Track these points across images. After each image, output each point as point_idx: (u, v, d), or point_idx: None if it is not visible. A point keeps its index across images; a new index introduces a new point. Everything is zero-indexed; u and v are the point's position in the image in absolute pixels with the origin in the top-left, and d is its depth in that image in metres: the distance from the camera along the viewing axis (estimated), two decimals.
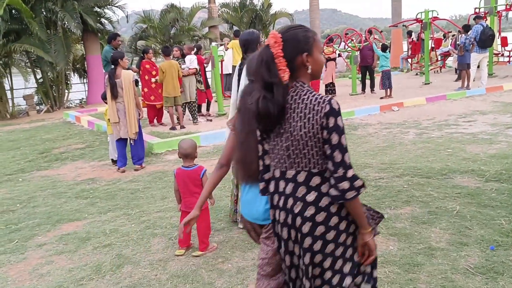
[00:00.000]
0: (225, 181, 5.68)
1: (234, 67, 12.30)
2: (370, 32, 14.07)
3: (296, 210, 1.90)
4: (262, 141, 2.05)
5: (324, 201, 1.87)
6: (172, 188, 5.58)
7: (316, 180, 1.89)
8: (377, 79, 12.87)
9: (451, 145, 6.78)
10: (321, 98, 1.84)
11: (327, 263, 1.92)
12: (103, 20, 17.24)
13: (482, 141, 6.88)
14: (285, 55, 1.86)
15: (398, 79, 15.63)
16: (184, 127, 9.46)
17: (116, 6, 17.02)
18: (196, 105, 10.19)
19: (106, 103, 7.10)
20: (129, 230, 4.43)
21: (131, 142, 6.75)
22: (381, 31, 17.29)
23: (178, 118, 9.58)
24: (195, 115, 10.05)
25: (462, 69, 12.46)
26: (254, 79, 1.99)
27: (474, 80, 12.79)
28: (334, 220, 1.88)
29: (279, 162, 1.96)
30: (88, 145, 8.94)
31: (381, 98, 12.04)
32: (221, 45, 13.73)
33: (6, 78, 15.29)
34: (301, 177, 1.90)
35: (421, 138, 7.45)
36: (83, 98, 18.25)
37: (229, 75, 12.27)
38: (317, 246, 1.89)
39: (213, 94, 11.74)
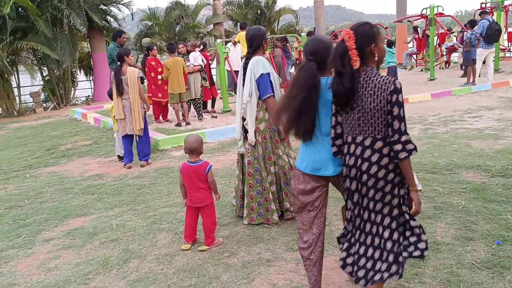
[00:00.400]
0: (231, 177, 5.72)
1: (242, 58, 12.28)
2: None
3: (364, 168, 2.42)
4: (336, 114, 2.56)
5: (385, 161, 2.38)
6: (177, 184, 5.61)
7: (379, 144, 2.39)
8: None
9: (457, 140, 6.76)
10: (387, 79, 2.34)
11: (384, 210, 2.44)
12: (108, 17, 17.29)
13: (488, 136, 6.86)
14: (357, 47, 2.35)
15: (402, 75, 15.57)
16: (189, 124, 9.49)
17: (122, 4, 17.07)
18: (201, 102, 10.21)
19: (113, 100, 7.14)
20: (136, 225, 4.47)
21: (137, 138, 6.78)
22: (386, 27, 17.22)
23: (183, 115, 9.61)
24: (200, 112, 10.07)
25: (468, 64, 12.39)
26: (332, 66, 2.46)
27: (479, 76, 12.73)
28: (391, 175, 2.38)
29: (351, 130, 2.48)
30: (94, 141, 9.00)
31: None
32: (226, 42, 13.73)
33: (13, 76, 15.39)
34: (367, 142, 2.41)
35: (426, 133, 7.43)
36: (89, 95, 18.34)
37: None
38: (378, 196, 2.42)
39: (218, 91, 11.76)
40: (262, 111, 4.07)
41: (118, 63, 6.72)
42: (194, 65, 9.60)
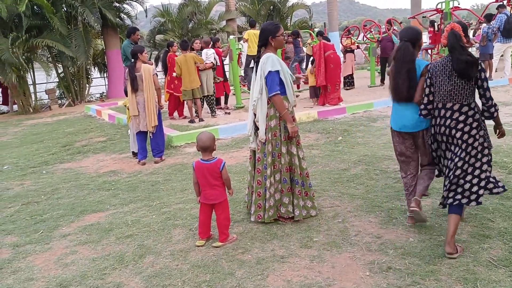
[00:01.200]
0: (244, 173, 5.73)
1: (249, 56, 12.27)
2: (389, 23, 13.87)
3: (452, 125, 3.38)
4: (429, 85, 3.52)
5: (469, 120, 3.33)
6: (191, 180, 5.64)
7: (465, 108, 3.34)
8: None
9: None
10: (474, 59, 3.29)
11: (467, 157, 3.35)
12: (122, 15, 17.40)
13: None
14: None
15: None
16: (202, 120, 9.52)
17: (135, 1, 17.16)
18: (214, 98, 10.23)
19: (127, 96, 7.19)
20: (151, 221, 4.51)
21: (151, 135, 6.83)
22: (401, 22, 17.04)
23: (196, 111, 9.63)
24: (213, 108, 10.09)
25: (485, 59, 12.21)
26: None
27: (496, 71, 12.53)
28: (473, 131, 3.33)
29: (442, 98, 3.43)
30: (109, 138, 9.08)
31: None
32: (239, 39, 13.73)
33: (28, 73, 15.58)
34: (455, 107, 3.37)
35: None
36: (103, 92, 18.51)
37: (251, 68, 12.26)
38: (463, 146, 3.35)
39: (231, 87, 11.77)
40: (273, 108, 4.05)
41: (132, 60, 6.77)
42: (206, 63, 9.61)
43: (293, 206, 4.16)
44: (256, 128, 4.19)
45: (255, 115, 4.16)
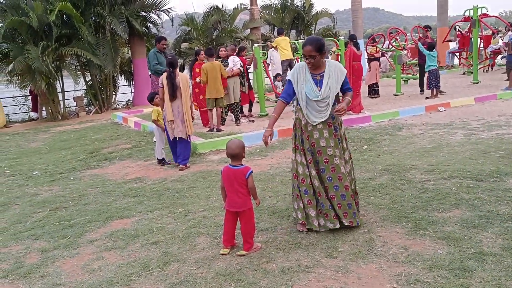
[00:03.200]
0: (268, 181, 5.72)
1: (284, 61, 12.27)
2: (429, 28, 13.32)
3: None
4: None
5: None
6: (216, 188, 5.68)
7: None
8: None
9: (503, 146, 6.51)
10: None
11: None
12: (148, 23, 17.70)
13: None
14: None
15: (444, 78, 15.14)
16: (220, 130, 9.43)
17: (161, 10, 17.43)
18: (240, 106, 10.24)
19: (153, 105, 7.33)
20: (175, 228, 4.53)
21: (179, 141, 6.94)
22: (428, 30, 16.78)
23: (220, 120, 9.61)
24: (238, 116, 10.12)
25: (511, 68, 11.93)
26: None
27: None
28: None
29: None
30: (134, 145, 9.21)
31: (427, 98, 11.73)
32: (263, 47, 13.77)
33: (57, 81, 15.97)
34: None
35: (470, 139, 7.20)
36: (129, 100, 18.81)
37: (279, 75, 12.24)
38: None
39: (255, 95, 11.80)
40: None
41: (170, 68, 6.92)
42: (233, 69, 9.64)
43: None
44: None
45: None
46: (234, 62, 9.77)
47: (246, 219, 3.88)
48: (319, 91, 4.03)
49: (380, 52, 14.73)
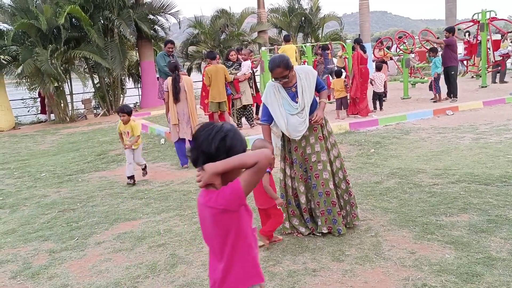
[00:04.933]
0: (277, 183, 5.72)
1: None
2: (453, 31, 13.00)
3: None
4: None
5: None
6: None
7: None
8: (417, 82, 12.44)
9: (511, 150, 6.47)
10: None
11: None
12: (156, 27, 17.80)
13: None
14: None
15: None
16: None
17: (169, 13, 17.53)
18: (252, 109, 10.22)
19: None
20: (182, 231, 4.55)
21: (189, 143, 7.01)
22: (438, 38, 16.73)
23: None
24: (252, 118, 10.05)
25: None
26: None
27: None
28: None
29: None
30: (142, 147, 9.21)
31: (433, 101, 11.70)
32: (270, 50, 13.78)
33: (66, 84, 16.10)
34: None
35: (478, 143, 7.16)
36: (137, 102, 18.90)
37: None
38: None
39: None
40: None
41: (174, 72, 7.05)
42: (245, 74, 9.68)
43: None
44: None
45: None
46: (248, 67, 9.80)
47: (273, 215, 4.04)
48: (297, 103, 4.03)
49: (388, 56, 14.71)
